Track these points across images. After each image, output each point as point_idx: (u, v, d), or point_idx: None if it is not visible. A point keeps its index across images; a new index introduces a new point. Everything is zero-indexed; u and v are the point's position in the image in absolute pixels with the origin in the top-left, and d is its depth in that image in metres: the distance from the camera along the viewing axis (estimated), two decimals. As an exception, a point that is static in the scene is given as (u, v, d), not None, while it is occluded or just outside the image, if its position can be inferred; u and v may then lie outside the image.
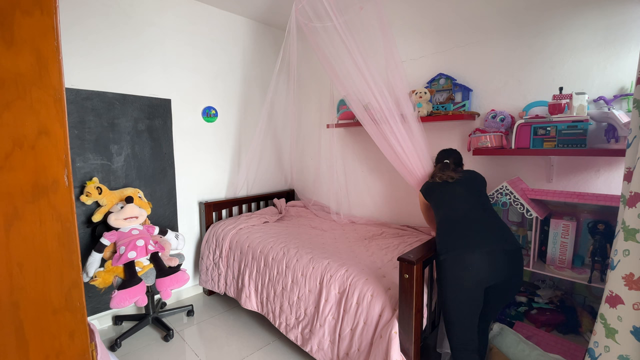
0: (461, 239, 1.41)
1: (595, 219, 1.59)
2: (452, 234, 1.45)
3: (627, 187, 1.05)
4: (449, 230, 1.47)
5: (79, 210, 2.16)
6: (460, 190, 1.60)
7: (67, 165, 0.62)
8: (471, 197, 1.57)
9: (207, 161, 2.86)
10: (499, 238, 1.41)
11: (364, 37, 1.97)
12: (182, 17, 2.60)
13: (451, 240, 1.42)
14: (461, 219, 1.49)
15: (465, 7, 2.10)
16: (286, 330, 1.96)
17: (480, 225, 1.45)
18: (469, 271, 1.35)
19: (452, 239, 1.43)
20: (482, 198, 1.57)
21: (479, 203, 1.54)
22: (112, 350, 2.09)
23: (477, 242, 1.38)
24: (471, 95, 2.12)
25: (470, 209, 1.52)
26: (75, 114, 2.12)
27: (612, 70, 1.64)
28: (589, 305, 1.70)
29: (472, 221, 1.47)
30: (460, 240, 1.41)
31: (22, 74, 0.56)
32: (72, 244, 0.63)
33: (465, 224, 1.46)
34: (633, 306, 0.99)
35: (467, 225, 1.46)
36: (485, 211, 1.51)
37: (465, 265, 1.35)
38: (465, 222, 1.47)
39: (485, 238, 1.40)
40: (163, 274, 2.09)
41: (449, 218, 1.52)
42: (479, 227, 1.44)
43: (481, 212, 1.51)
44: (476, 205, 1.54)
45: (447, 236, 1.45)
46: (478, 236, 1.41)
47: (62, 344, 0.64)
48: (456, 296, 1.37)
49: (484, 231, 1.43)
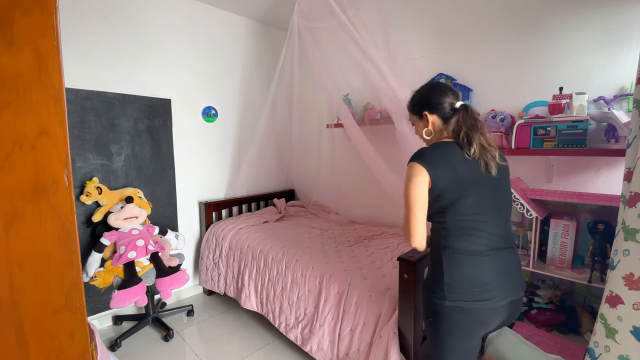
0: (486, 285, 1.03)
1: (595, 219, 1.59)
2: (473, 273, 1.04)
3: (627, 187, 1.05)
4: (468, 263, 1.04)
5: (79, 210, 2.16)
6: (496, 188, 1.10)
7: (67, 165, 0.62)
8: (505, 207, 1.14)
9: (207, 161, 2.86)
10: (520, 283, 1.11)
11: (363, 37, 1.97)
12: (182, 17, 2.60)
13: (469, 282, 1.03)
14: (490, 247, 1.06)
15: (466, 7, 2.10)
16: (286, 330, 1.96)
17: (510, 261, 1.10)
18: (482, 326, 1.06)
19: (471, 279, 1.03)
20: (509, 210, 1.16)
21: (509, 220, 1.15)
22: (112, 350, 2.09)
23: (503, 290, 1.05)
24: (471, 95, 2.12)
25: (504, 230, 1.11)
26: (75, 114, 2.12)
27: (612, 70, 1.64)
28: (589, 305, 1.70)
29: (503, 254, 1.08)
30: (483, 285, 1.03)
31: (22, 74, 0.56)
32: (72, 244, 0.63)
33: (495, 257, 1.06)
34: (633, 306, 0.99)
35: (497, 260, 1.06)
36: (513, 246, 1.14)
37: (481, 319, 1.05)
38: (495, 255, 1.06)
39: (511, 283, 1.08)
40: (163, 274, 2.09)
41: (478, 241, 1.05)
42: (507, 266, 1.08)
43: (511, 237, 1.14)
44: (507, 224, 1.14)
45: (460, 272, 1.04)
46: (505, 281, 1.06)
47: (62, 344, 0.64)
48: (452, 344, 1.08)
49: (510, 273, 1.09)
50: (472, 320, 1.04)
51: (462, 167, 1.06)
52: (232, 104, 3.00)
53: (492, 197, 1.09)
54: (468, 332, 1.06)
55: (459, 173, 1.05)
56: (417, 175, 1.04)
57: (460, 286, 1.03)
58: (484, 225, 1.06)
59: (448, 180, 1.04)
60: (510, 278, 1.08)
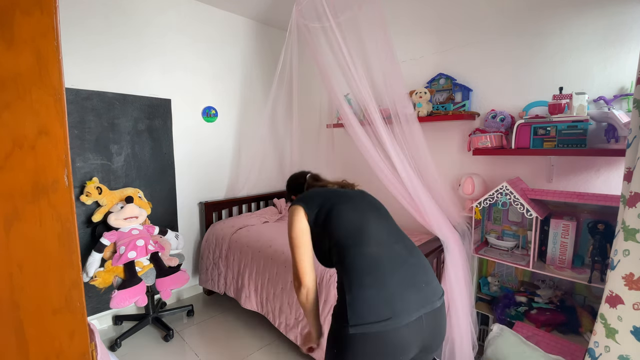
0: (388, 302, 0.95)
1: (595, 219, 1.59)
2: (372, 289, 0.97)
3: (627, 187, 1.05)
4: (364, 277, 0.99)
5: (79, 210, 2.16)
6: (367, 205, 1.19)
7: (67, 165, 0.62)
8: (383, 218, 1.17)
9: (207, 161, 2.86)
10: (432, 289, 1.04)
11: (363, 37, 1.97)
12: (182, 17, 2.60)
13: (371, 303, 0.95)
14: (383, 258, 1.03)
15: (466, 7, 2.10)
16: (286, 330, 1.96)
17: (410, 269, 1.04)
18: (395, 351, 0.94)
19: (373, 298, 0.96)
20: (391, 219, 1.19)
21: (395, 228, 1.16)
22: (112, 350, 2.09)
23: (410, 303, 0.97)
24: (471, 95, 2.12)
25: (391, 240, 1.10)
26: (75, 114, 2.12)
27: (612, 70, 1.64)
28: (589, 305, 1.70)
29: (399, 263, 1.04)
30: (384, 298, 0.96)
31: (22, 74, 0.56)
32: (72, 244, 0.63)
33: (390, 268, 1.01)
34: (633, 306, 0.99)
35: (393, 270, 1.01)
36: (405, 240, 1.12)
37: (392, 343, 0.93)
38: (390, 265, 1.02)
39: (418, 292, 1.00)
40: (163, 274, 2.09)
41: (363, 255, 1.03)
42: (408, 274, 1.02)
43: (404, 244, 1.11)
44: (394, 232, 1.13)
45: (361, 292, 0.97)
46: (410, 291, 0.99)
47: (62, 344, 0.64)
48: None
49: (415, 280, 1.02)
50: (382, 348, 0.93)
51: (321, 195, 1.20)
52: (232, 104, 3.00)
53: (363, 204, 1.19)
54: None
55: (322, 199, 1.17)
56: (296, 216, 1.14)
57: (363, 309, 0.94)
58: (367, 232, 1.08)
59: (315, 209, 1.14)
60: (415, 282, 1.01)
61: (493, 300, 1.95)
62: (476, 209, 1.85)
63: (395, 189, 1.82)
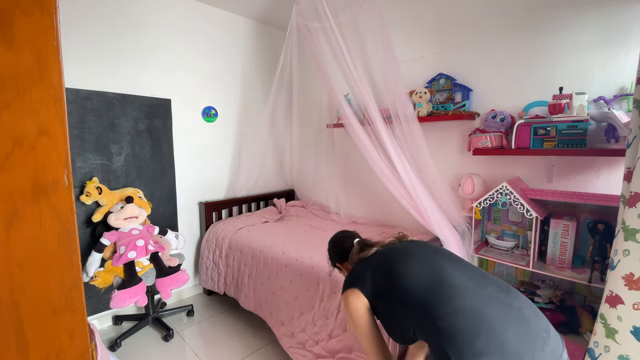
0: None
1: (595, 219, 1.59)
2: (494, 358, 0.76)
3: (627, 187, 1.05)
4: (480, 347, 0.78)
5: (79, 210, 2.16)
6: (432, 251, 1.06)
7: (67, 165, 0.62)
8: (456, 261, 1.03)
9: (207, 161, 2.86)
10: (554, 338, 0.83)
11: (363, 37, 1.97)
12: (182, 17, 2.60)
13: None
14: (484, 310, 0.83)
15: (466, 7, 2.10)
16: (284, 333, 1.96)
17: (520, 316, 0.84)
18: None
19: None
20: (464, 260, 1.06)
21: (475, 268, 1.01)
22: (112, 350, 2.09)
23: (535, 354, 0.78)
24: (471, 95, 2.12)
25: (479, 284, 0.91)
26: (75, 114, 2.12)
27: (612, 70, 1.64)
28: (589, 305, 1.70)
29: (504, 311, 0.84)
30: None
31: (22, 74, 0.56)
32: (72, 244, 0.63)
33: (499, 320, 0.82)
34: (633, 306, 0.99)
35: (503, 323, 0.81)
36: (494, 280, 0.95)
37: None
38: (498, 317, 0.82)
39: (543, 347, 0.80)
40: (163, 274, 2.09)
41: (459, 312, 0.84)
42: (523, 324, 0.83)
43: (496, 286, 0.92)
44: (478, 274, 0.96)
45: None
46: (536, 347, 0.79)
47: (62, 344, 0.64)
48: None
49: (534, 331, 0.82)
50: None
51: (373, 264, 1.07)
52: (232, 104, 3.00)
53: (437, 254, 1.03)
54: None
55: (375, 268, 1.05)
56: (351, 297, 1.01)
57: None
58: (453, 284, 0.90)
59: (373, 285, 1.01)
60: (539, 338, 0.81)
61: (493, 300, 1.95)
62: (476, 209, 1.85)
63: (395, 189, 1.82)
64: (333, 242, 1.33)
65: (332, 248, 1.32)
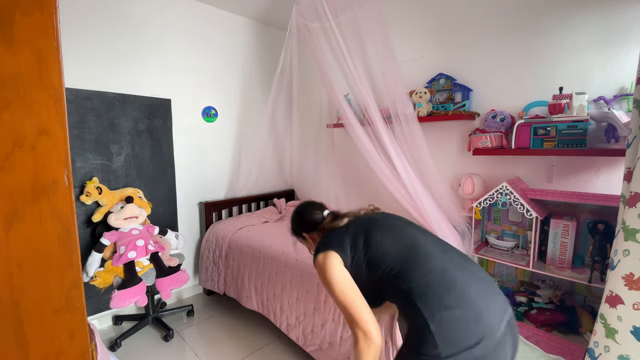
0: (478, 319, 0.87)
1: (595, 219, 1.59)
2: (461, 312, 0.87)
3: (627, 187, 1.05)
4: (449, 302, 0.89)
5: (79, 210, 2.16)
6: (403, 222, 1.15)
7: (67, 165, 0.62)
8: (425, 231, 1.13)
9: (207, 161, 2.86)
10: (502, 295, 0.97)
11: (363, 37, 1.97)
12: (182, 17, 2.60)
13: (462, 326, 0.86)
14: (452, 272, 0.95)
15: (466, 8, 2.10)
16: (287, 330, 1.96)
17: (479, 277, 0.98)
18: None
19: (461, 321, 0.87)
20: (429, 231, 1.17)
21: (439, 238, 1.12)
22: (112, 350, 2.09)
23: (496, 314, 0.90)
24: (471, 95, 2.12)
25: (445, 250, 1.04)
26: (75, 114, 2.12)
27: (612, 70, 1.64)
28: (589, 305, 1.70)
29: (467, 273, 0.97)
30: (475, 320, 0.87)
31: (22, 74, 0.56)
32: (72, 244, 0.63)
33: (463, 280, 0.94)
34: (633, 306, 0.99)
35: (467, 282, 0.93)
36: (454, 248, 1.08)
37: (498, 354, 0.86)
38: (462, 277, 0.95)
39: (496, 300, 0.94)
40: (163, 274, 2.09)
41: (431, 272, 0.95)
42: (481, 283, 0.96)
43: (456, 252, 1.06)
44: (442, 242, 1.09)
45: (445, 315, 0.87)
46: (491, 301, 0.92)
47: (62, 344, 0.64)
48: None
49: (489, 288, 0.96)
50: None
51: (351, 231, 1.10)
52: (232, 104, 3.00)
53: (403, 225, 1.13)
54: None
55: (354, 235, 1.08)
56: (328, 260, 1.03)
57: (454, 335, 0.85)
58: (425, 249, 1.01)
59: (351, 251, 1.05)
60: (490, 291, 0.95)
61: (493, 300, 1.95)
62: (476, 209, 1.85)
63: (395, 189, 1.82)
64: (300, 212, 1.31)
65: (298, 218, 1.31)
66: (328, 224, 1.20)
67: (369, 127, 1.91)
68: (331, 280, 1.00)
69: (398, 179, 1.81)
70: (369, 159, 1.88)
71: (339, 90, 2.02)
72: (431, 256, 0.99)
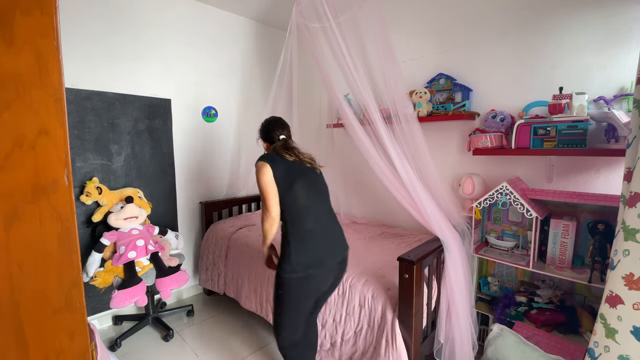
0: (317, 254, 1.41)
1: (595, 219, 1.59)
2: (309, 247, 1.40)
3: (627, 187, 1.05)
4: (308, 242, 1.41)
5: (79, 210, 2.16)
6: (315, 181, 1.51)
7: (67, 165, 0.62)
8: (323, 194, 1.54)
9: (207, 161, 2.86)
10: (343, 247, 1.51)
11: (363, 37, 1.97)
12: (182, 17, 2.60)
13: (307, 256, 1.39)
14: (320, 227, 1.45)
15: (466, 7, 2.10)
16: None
17: (333, 234, 1.49)
18: (317, 287, 1.44)
19: (311, 255, 1.40)
20: (326, 191, 1.57)
21: (328, 199, 1.55)
22: (112, 350, 2.09)
23: (331, 257, 1.45)
24: (471, 95, 2.12)
25: (324, 211, 1.51)
26: (75, 114, 2.12)
27: (612, 70, 1.64)
28: (589, 305, 1.70)
29: (328, 229, 1.47)
30: (316, 254, 1.41)
31: (22, 74, 0.56)
32: (72, 244, 0.63)
33: (322, 233, 1.44)
34: (633, 306, 0.99)
35: (324, 234, 1.45)
36: (331, 211, 1.55)
37: (316, 282, 1.43)
38: (322, 231, 1.45)
39: (337, 249, 1.48)
40: (163, 274, 2.09)
41: (309, 223, 1.42)
42: (333, 238, 1.48)
43: (332, 214, 1.53)
44: (327, 204, 1.54)
45: (302, 248, 1.39)
46: (332, 249, 1.46)
47: (62, 344, 0.64)
48: (303, 301, 1.44)
49: (335, 242, 1.49)
50: (310, 286, 1.41)
51: (286, 166, 1.46)
52: (232, 104, 3.00)
53: (314, 188, 1.50)
54: (308, 295, 1.43)
55: (286, 169, 1.44)
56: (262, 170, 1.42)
57: (301, 253, 1.38)
58: (310, 206, 1.44)
59: (280, 173, 1.41)
60: (337, 243, 1.50)
61: (493, 300, 1.95)
62: (476, 209, 1.85)
63: (396, 189, 1.82)
64: (267, 124, 1.68)
65: (265, 127, 1.68)
66: (279, 148, 1.52)
67: (369, 127, 1.91)
68: (261, 179, 1.41)
69: (398, 179, 1.81)
70: (369, 159, 1.88)
71: (339, 90, 2.02)
72: (312, 218, 1.43)
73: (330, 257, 1.44)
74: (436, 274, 1.70)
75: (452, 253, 1.66)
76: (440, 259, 1.73)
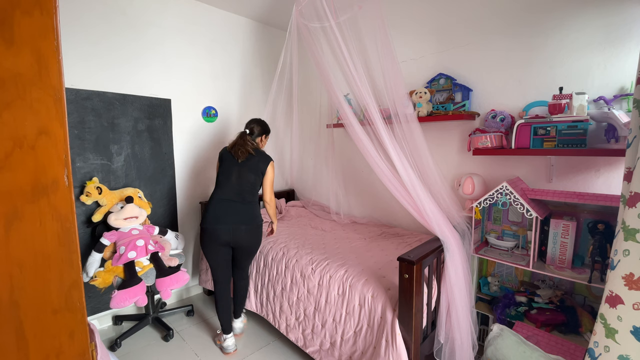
0: (216, 216, 1.96)
1: (595, 219, 1.59)
2: (213, 211, 1.97)
3: (627, 187, 1.05)
4: (213, 206, 1.98)
5: (79, 210, 2.16)
6: (240, 173, 2.01)
7: (67, 165, 0.62)
8: (243, 185, 2.01)
9: (207, 161, 2.86)
10: (242, 219, 2.00)
11: (363, 37, 1.97)
12: (182, 17, 2.60)
13: (211, 216, 1.96)
14: (225, 200, 1.99)
15: (466, 7, 2.10)
16: (287, 331, 1.96)
17: (234, 209, 2.00)
18: (218, 237, 1.96)
19: (212, 214, 1.97)
20: (250, 187, 2.03)
21: (245, 191, 2.02)
22: (112, 350, 2.09)
23: (224, 220, 1.96)
24: (471, 95, 2.12)
25: (236, 194, 2.01)
26: (75, 114, 2.12)
27: (612, 70, 1.64)
28: (589, 305, 1.70)
29: (230, 205, 1.99)
30: (215, 217, 1.96)
31: (22, 74, 0.56)
32: (72, 244, 0.63)
33: (225, 205, 1.98)
34: (633, 306, 0.99)
35: (226, 207, 1.98)
36: (244, 200, 2.02)
37: (216, 234, 1.95)
38: (226, 204, 1.99)
39: (232, 216, 1.98)
40: (163, 274, 2.09)
41: (219, 194, 2.00)
42: (231, 211, 1.99)
43: (240, 200, 2.01)
44: (241, 193, 2.01)
45: (210, 210, 1.98)
46: (227, 216, 1.97)
47: (62, 344, 0.64)
48: (210, 250, 2.00)
49: (233, 214, 1.99)
50: (212, 235, 1.96)
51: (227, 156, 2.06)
52: (232, 104, 3.00)
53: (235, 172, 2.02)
54: (212, 242, 1.98)
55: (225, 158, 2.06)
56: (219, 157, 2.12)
57: (209, 213, 1.98)
58: (225, 185, 2.00)
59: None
60: (234, 215, 1.98)
61: (493, 300, 1.95)
62: (476, 209, 1.85)
63: (395, 189, 1.82)
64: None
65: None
66: (236, 140, 2.07)
67: (369, 127, 1.91)
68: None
69: (398, 179, 1.81)
70: (369, 159, 1.88)
71: (339, 90, 2.02)
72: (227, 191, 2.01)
73: (225, 221, 1.96)
74: (436, 274, 1.70)
75: (452, 253, 1.66)
76: (440, 259, 1.74)
